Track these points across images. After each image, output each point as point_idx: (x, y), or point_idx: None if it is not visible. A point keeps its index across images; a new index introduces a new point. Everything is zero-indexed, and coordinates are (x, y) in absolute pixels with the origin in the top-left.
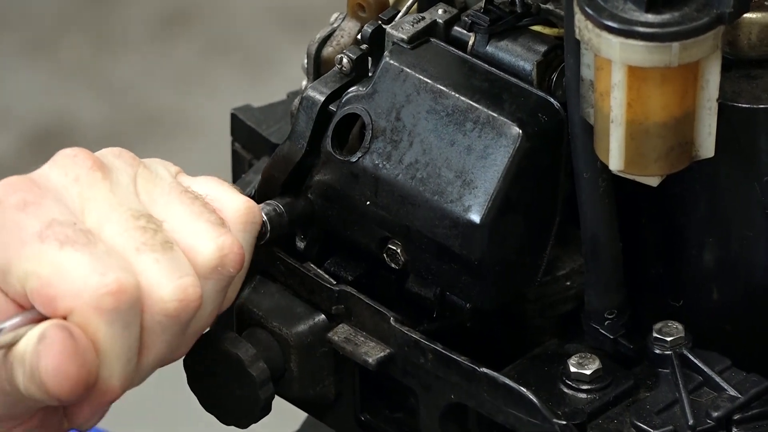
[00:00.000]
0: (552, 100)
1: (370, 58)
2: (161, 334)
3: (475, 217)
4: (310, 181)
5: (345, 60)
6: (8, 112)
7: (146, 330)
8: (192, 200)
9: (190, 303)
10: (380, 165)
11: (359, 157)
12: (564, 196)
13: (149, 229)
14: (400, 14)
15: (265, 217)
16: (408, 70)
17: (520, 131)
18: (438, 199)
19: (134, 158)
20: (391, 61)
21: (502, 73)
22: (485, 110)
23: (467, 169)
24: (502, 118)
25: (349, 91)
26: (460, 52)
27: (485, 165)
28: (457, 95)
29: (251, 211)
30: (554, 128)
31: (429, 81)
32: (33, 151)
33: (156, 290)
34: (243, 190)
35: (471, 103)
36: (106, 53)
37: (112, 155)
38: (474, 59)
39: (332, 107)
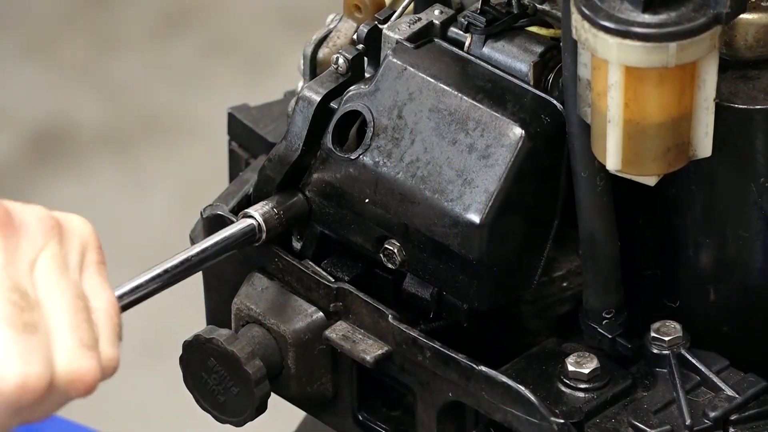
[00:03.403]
0: (554, 101)
1: (365, 58)
2: None
3: (475, 217)
4: (308, 179)
5: (341, 60)
6: (8, 112)
7: None
8: (77, 310)
9: (27, 392)
10: (380, 162)
11: (360, 155)
12: (564, 197)
13: (19, 305)
14: (396, 15)
15: (260, 219)
16: (411, 68)
17: (523, 131)
18: (438, 198)
19: (53, 230)
20: (394, 60)
21: (504, 73)
22: (487, 110)
23: (468, 168)
24: (504, 118)
25: (350, 88)
26: (462, 52)
27: (486, 165)
28: (459, 95)
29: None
30: (556, 129)
31: (432, 80)
32: (33, 151)
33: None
34: (239, 189)
35: (473, 102)
36: (106, 53)
37: (35, 218)
38: (476, 59)
39: (333, 104)
